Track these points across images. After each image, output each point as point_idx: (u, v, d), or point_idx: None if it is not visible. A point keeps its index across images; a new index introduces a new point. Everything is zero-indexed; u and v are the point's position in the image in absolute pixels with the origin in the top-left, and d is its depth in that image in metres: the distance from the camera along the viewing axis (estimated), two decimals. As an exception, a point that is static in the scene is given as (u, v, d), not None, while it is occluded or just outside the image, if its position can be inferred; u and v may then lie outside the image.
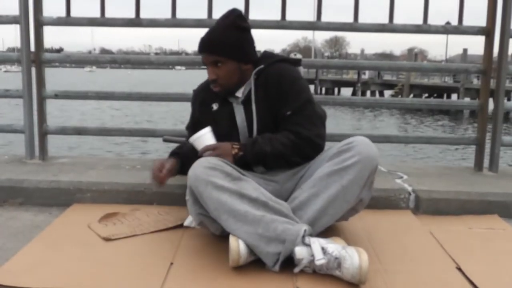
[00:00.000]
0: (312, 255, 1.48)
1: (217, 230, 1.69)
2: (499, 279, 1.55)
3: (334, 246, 1.49)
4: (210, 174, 1.57)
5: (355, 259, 1.43)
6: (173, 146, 2.09)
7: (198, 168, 1.59)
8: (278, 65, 1.85)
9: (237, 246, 1.53)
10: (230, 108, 1.87)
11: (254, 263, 1.60)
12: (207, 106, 1.94)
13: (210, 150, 1.74)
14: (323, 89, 36.01)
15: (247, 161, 1.77)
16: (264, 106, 1.81)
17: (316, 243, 1.49)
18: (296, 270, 1.50)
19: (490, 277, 1.55)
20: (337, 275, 1.47)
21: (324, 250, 1.48)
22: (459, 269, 1.60)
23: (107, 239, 1.78)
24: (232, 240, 1.54)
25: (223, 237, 1.82)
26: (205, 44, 1.81)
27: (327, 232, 1.71)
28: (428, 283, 1.50)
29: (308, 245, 1.50)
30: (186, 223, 1.93)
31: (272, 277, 1.51)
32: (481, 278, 1.52)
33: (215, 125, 1.83)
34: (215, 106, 1.91)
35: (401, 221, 2.08)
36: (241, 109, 1.85)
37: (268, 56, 1.92)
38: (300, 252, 1.49)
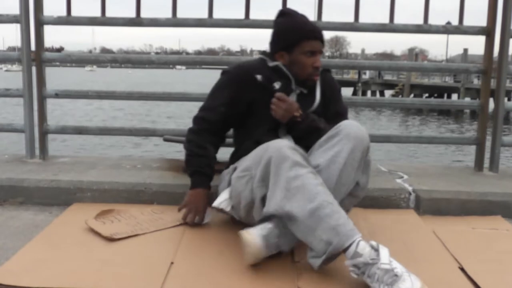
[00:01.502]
0: (374, 259, 1.39)
1: (258, 217, 1.65)
2: (502, 279, 1.55)
3: (399, 264, 1.40)
4: (293, 152, 1.58)
5: (417, 285, 1.34)
6: (174, 145, 2.10)
7: (281, 144, 1.61)
8: (329, 73, 2.10)
9: (254, 239, 1.51)
10: (288, 94, 1.93)
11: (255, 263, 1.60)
12: (268, 84, 1.93)
13: (281, 101, 1.85)
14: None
15: (298, 127, 1.86)
16: (320, 103, 1.97)
17: (386, 249, 1.43)
18: (348, 263, 1.42)
19: (493, 277, 1.54)
20: None
21: (389, 260, 1.40)
22: (462, 269, 1.59)
23: (110, 239, 1.78)
24: (245, 234, 1.52)
25: (225, 237, 1.82)
26: (320, 33, 1.93)
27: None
28: (431, 283, 1.49)
29: (375, 249, 1.41)
30: (215, 204, 1.82)
31: (273, 277, 1.51)
32: (484, 278, 1.51)
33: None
34: (277, 85, 1.92)
35: (405, 221, 2.08)
36: (294, 98, 1.94)
37: None
38: (363, 248, 1.41)
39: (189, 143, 1.98)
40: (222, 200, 1.81)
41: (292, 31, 1.91)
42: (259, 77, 1.93)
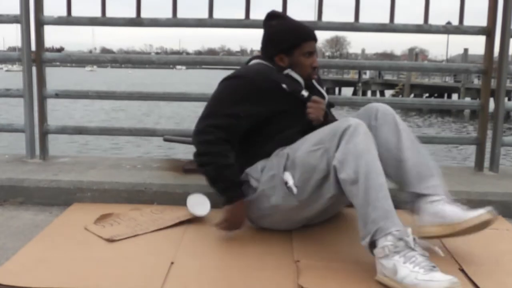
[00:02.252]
0: (415, 246, 1.44)
1: (329, 192, 1.64)
2: (503, 280, 1.54)
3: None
4: (369, 132, 1.64)
5: (455, 280, 1.36)
6: (174, 145, 2.09)
7: (361, 121, 1.64)
8: None
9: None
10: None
11: (255, 262, 1.60)
12: (297, 94, 1.87)
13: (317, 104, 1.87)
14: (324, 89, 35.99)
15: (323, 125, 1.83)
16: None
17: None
18: (395, 233, 1.44)
19: (493, 278, 1.54)
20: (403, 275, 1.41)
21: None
22: (462, 270, 1.59)
23: (111, 240, 1.78)
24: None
25: (225, 237, 1.82)
26: (315, 33, 1.95)
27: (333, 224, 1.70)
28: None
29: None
30: (290, 184, 1.70)
31: (274, 276, 1.51)
32: (484, 279, 1.51)
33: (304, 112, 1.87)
34: (305, 93, 1.89)
35: (405, 221, 2.07)
36: None
37: None
38: (410, 233, 1.47)
39: (208, 155, 1.78)
40: (291, 182, 1.70)
41: (292, 33, 1.90)
42: (284, 86, 1.85)
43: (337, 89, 37.10)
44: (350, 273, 1.53)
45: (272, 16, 2.00)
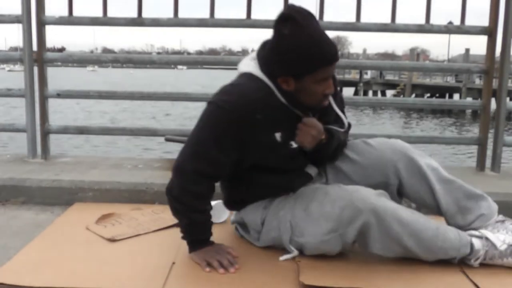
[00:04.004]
0: (488, 246, 1.58)
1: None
2: (503, 280, 1.54)
3: (502, 236, 1.60)
4: (380, 198, 1.54)
5: None
6: (175, 145, 2.09)
7: (365, 196, 1.51)
8: None
9: None
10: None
11: (256, 262, 1.60)
12: (287, 145, 1.64)
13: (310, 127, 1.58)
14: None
15: (325, 150, 1.66)
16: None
17: (489, 233, 1.60)
18: (475, 263, 1.58)
19: (493, 278, 1.54)
20: (506, 262, 1.58)
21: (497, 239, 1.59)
22: (462, 271, 1.58)
23: (112, 240, 1.78)
24: None
25: (226, 237, 1.82)
26: (337, 52, 1.50)
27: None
28: (431, 283, 1.49)
29: (481, 237, 1.59)
30: (282, 258, 1.63)
31: (274, 276, 1.51)
32: (484, 279, 1.51)
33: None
34: (295, 145, 1.63)
35: None
36: None
37: None
38: (476, 243, 1.58)
39: (183, 205, 1.57)
40: (289, 257, 1.63)
41: (308, 56, 1.43)
42: (278, 136, 1.57)
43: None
44: (351, 271, 1.54)
45: (285, 18, 1.45)
